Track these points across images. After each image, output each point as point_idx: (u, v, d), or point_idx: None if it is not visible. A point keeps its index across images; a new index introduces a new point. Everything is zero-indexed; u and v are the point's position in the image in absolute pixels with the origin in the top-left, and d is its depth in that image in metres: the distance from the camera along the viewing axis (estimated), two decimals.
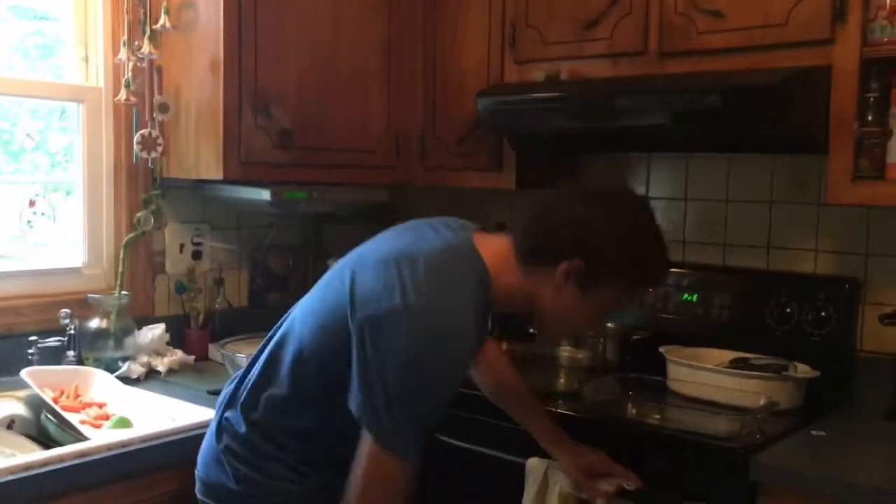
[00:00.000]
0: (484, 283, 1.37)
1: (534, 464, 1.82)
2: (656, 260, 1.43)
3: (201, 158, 2.11)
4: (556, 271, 1.36)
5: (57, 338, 2.02)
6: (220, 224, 2.46)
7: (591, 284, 1.37)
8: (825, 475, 1.61)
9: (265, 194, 2.17)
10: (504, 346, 2.37)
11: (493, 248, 1.40)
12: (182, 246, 2.36)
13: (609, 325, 2.38)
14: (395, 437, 1.31)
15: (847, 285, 2.08)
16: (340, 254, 2.59)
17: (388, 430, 1.31)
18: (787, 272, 2.21)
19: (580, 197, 1.40)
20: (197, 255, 2.39)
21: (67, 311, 2.03)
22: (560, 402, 2.02)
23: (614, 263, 1.37)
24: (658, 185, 2.45)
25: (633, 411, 1.95)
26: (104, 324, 2.09)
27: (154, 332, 2.16)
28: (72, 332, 2.03)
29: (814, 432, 1.82)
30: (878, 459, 1.76)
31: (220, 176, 2.09)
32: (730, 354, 2.11)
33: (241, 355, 2.02)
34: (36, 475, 1.46)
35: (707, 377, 2.00)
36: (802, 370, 2.00)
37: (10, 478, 1.43)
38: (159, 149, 2.13)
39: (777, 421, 1.85)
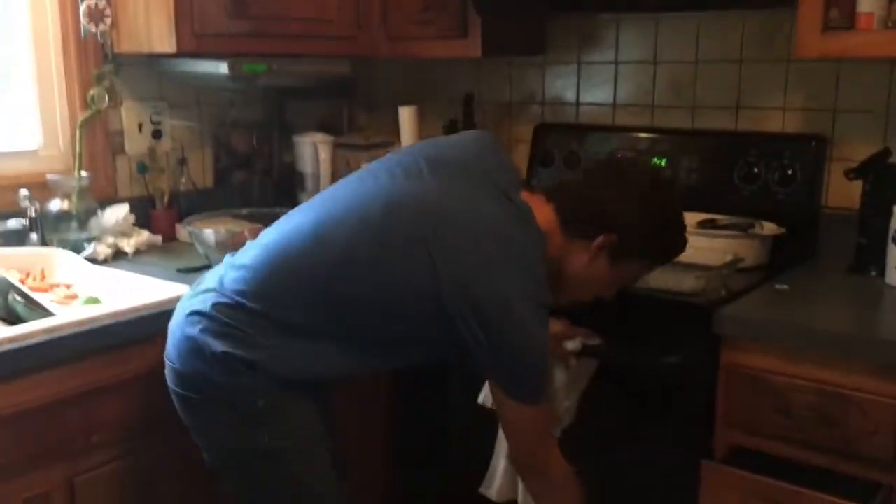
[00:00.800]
0: (543, 255, 1.48)
1: None
2: (679, 243, 1.60)
3: (153, 30, 2.03)
4: (593, 243, 1.50)
5: (18, 220, 1.99)
6: (178, 101, 2.39)
7: (621, 258, 1.53)
8: (786, 325, 1.65)
9: (223, 67, 2.09)
10: None
11: (543, 214, 1.51)
12: (140, 125, 2.29)
13: None
14: (531, 394, 1.48)
15: (813, 142, 2.08)
16: (304, 130, 2.58)
17: (525, 391, 1.47)
18: (754, 132, 2.20)
19: (621, 181, 1.54)
20: (157, 135, 2.33)
21: (27, 192, 1.98)
22: None
23: (644, 242, 1.53)
24: (627, 49, 2.39)
25: None
26: (66, 205, 2.04)
27: (118, 213, 2.12)
28: (33, 214, 2.00)
29: (778, 287, 1.85)
30: (838, 310, 1.81)
31: (173, 49, 2.00)
32: (698, 216, 2.12)
33: (210, 232, 2.00)
34: (4, 352, 1.45)
35: None
36: (768, 228, 2.02)
37: None
38: (107, 20, 2.04)
39: (742, 277, 1.89)
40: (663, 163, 2.30)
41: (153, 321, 1.67)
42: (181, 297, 1.72)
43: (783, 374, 1.63)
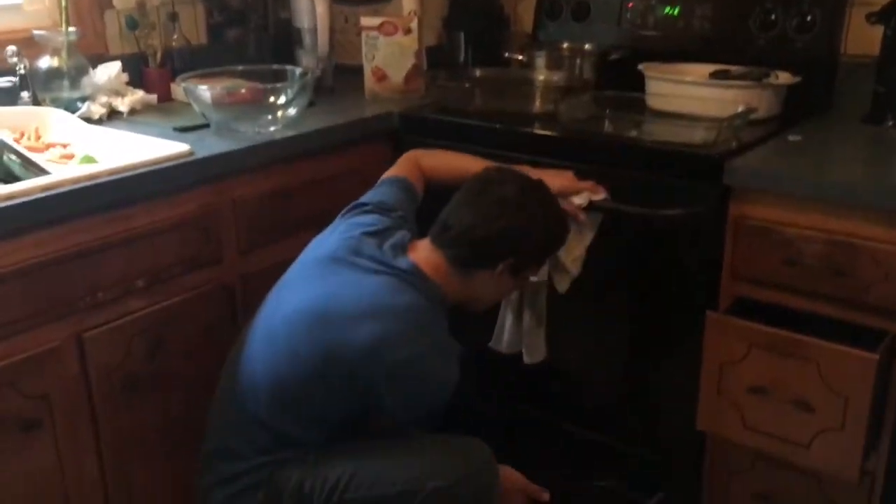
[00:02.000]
0: (443, 304, 1.59)
1: None
2: (564, 231, 1.69)
3: None
4: (494, 272, 1.59)
5: (7, 78, 1.92)
6: None
7: (522, 270, 1.64)
8: (797, 175, 1.61)
9: None
10: (478, 72, 2.31)
11: (432, 265, 1.58)
12: None
13: (587, 46, 2.30)
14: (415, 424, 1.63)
15: None
16: None
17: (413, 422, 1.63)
18: None
19: (497, 207, 1.57)
20: None
21: (14, 48, 1.91)
22: (536, 123, 1.99)
23: (540, 252, 1.67)
24: None
25: (610, 128, 1.91)
26: (55, 62, 1.97)
27: (110, 71, 2.05)
28: (22, 71, 1.93)
29: (790, 137, 1.81)
30: (852, 159, 1.77)
31: None
32: (710, 68, 2.05)
33: (205, 89, 1.93)
34: (2, 209, 1.42)
35: (685, 90, 1.96)
36: (783, 77, 1.95)
37: None
38: None
39: (754, 129, 1.84)
40: (676, 12, 2.20)
41: (152, 179, 1.64)
42: (179, 154, 1.69)
43: (793, 224, 1.60)
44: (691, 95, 1.93)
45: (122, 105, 2.03)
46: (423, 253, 1.60)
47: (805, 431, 1.59)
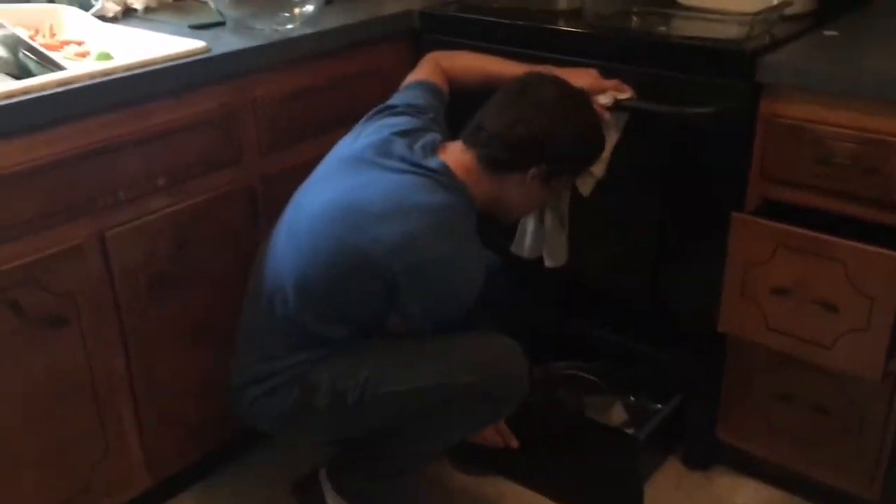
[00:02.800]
0: (472, 207, 1.57)
1: None
2: (600, 144, 1.67)
3: None
4: (526, 176, 1.56)
5: None
6: None
7: (553, 179, 1.60)
8: (832, 71, 1.56)
9: None
10: None
11: (463, 165, 1.56)
12: None
13: None
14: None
15: None
16: None
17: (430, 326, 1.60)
18: None
19: (534, 110, 1.55)
20: None
21: None
22: (561, 20, 1.93)
23: (572, 161, 1.63)
24: None
25: (638, 23, 1.85)
26: None
27: None
28: None
29: (826, 33, 1.74)
30: (889, 55, 1.69)
31: None
32: None
33: None
34: (16, 103, 1.40)
35: None
36: None
37: None
38: None
39: (789, 24, 1.77)
40: None
41: (169, 75, 1.61)
42: (195, 51, 1.66)
43: (825, 122, 1.56)
44: None
45: (137, 2, 1.99)
46: (454, 154, 1.58)
47: (829, 332, 1.57)
